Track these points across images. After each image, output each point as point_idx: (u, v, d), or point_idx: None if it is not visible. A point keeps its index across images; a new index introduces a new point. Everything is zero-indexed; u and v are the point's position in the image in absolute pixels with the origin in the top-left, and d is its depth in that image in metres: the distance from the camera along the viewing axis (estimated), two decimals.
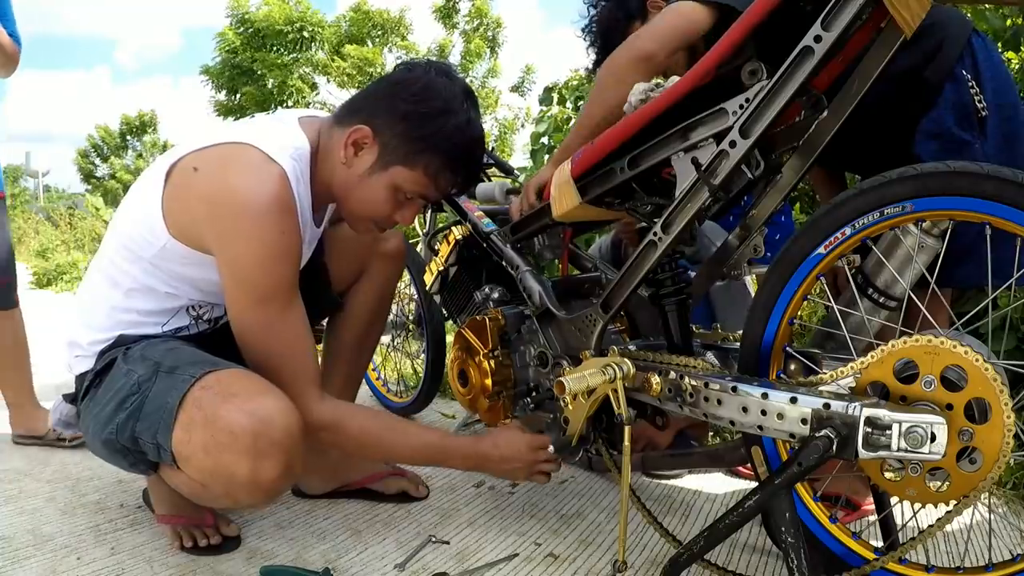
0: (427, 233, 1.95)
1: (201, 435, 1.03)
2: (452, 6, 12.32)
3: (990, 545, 1.25)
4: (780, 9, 0.97)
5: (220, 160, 1.12)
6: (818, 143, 1.08)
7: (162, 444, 1.06)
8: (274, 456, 1.02)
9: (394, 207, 1.21)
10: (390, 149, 1.16)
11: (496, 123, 12.36)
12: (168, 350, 1.16)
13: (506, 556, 1.33)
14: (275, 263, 1.10)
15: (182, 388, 1.05)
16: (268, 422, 1.01)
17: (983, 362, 0.86)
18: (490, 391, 1.41)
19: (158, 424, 1.06)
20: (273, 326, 1.13)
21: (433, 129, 1.15)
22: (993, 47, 1.35)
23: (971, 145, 1.26)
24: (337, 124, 1.20)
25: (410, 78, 1.17)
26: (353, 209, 1.23)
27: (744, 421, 1.00)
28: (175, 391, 1.06)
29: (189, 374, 1.07)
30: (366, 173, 1.18)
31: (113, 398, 1.13)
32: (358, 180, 1.18)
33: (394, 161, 1.16)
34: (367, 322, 1.57)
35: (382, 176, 1.17)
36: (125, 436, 1.10)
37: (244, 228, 1.08)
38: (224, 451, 1.01)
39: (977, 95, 1.27)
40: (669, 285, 1.22)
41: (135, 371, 1.13)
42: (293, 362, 1.15)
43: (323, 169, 1.21)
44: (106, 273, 1.23)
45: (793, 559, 0.95)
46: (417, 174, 1.17)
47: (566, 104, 4.79)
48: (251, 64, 11.94)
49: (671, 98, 1.08)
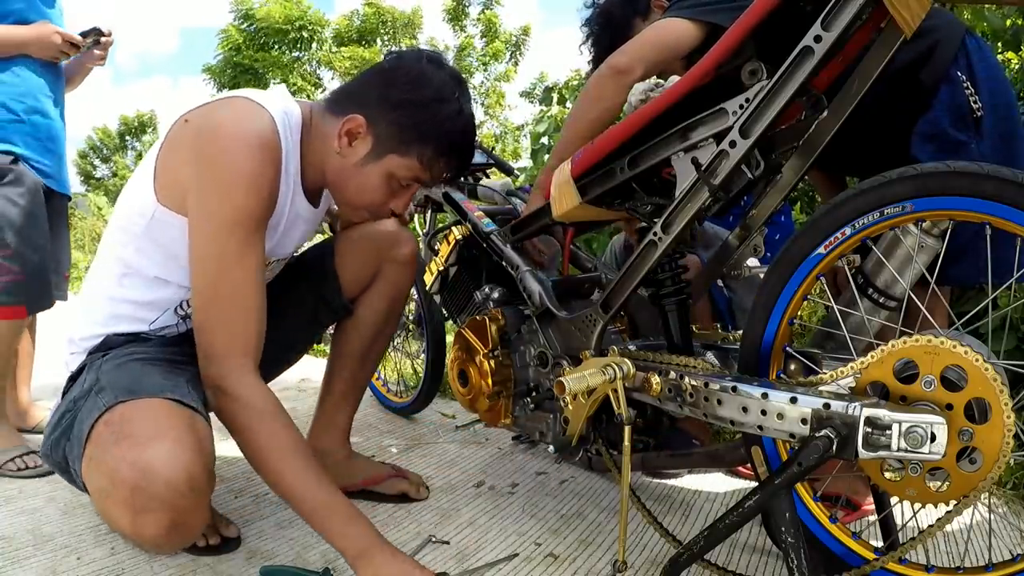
0: (427, 233, 1.95)
1: (95, 476, 0.97)
2: (461, 9, 12.36)
3: (990, 545, 1.25)
4: (780, 9, 0.97)
5: (210, 108, 1.13)
6: (818, 143, 1.08)
7: (77, 471, 1.01)
8: (155, 511, 0.93)
9: (389, 195, 1.22)
10: (384, 138, 1.16)
11: (498, 124, 12.38)
12: (117, 366, 1.11)
13: (506, 556, 1.33)
14: (242, 193, 1.06)
15: (92, 417, 1.00)
16: (149, 474, 0.91)
17: (983, 362, 0.86)
18: (490, 391, 1.41)
19: (77, 451, 1.01)
20: (227, 262, 1.07)
21: (426, 117, 1.16)
22: (987, 48, 1.36)
23: (967, 145, 1.27)
24: (329, 110, 1.21)
25: (402, 66, 1.18)
26: (349, 198, 1.24)
27: (744, 421, 1.00)
28: (88, 419, 1.00)
29: (103, 401, 1.01)
30: (361, 162, 1.18)
31: (59, 410, 1.10)
32: (353, 169, 1.19)
33: (388, 150, 1.17)
34: (376, 330, 1.54)
35: (377, 165, 1.18)
36: (59, 454, 1.07)
37: (221, 156, 1.06)
38: (107, 498, 0.95)
39: (972, 96, 1.27)
40: (669, 285, 1.22)
41: (85, 383, 1.10)
42: (234, 320, 1.08)
43: (313, 149, 1.21)
44: (102, 262, 1.23)
45: (793, 559, 0.95)
46: (411, 161, 1.18)
47: (566, 104, 4.80)
48: (253, 63, 11.96)
49: (671, 98, 1.08)
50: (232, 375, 1.07)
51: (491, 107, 12.60)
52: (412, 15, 12.51)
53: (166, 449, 0.94)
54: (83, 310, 1.25)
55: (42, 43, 1.81)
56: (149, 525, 0.94)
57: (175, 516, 0.95)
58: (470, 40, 12.41)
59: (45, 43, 1.81)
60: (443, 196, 1.73)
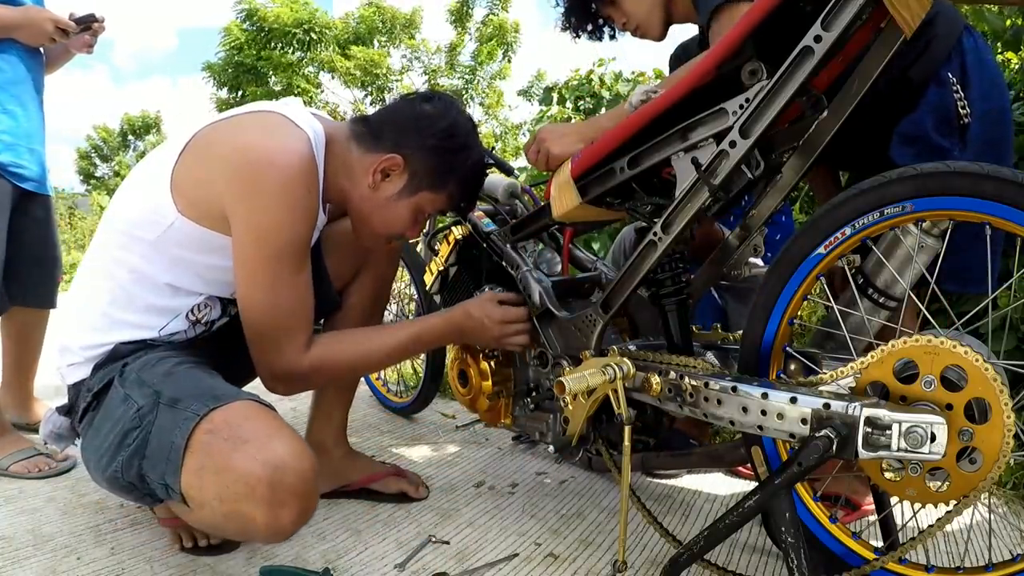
0: (427, 233, 1.95)
1: (214, 483, 1.00)
2: (466, 11, 12.36)
3: (990, 545, 1.25)
4: (780, 9, 0.97)
5: (243, 123, 1.18)
6: (818, 143, 1.08)
7: (171, 486, 1.03)
8: (292, 503, 1.00)
9: (411, 226, 1.32)
10: (419, 177, 1.26)
11: (498, 123, 12.38)
12: (165, 375, 1.12)
13: (506, 556, 1.33)
14: (297, 220, 1.13)
15: (187, 427, 1.02)
16: (283, 470, 0.99)
17: (983, 362, 0.86)
18: (490, 391, 1.41)
19: (165, 465, 1.03)
20: (282, 284, 1.14)
21: (460, 161, 1.28)
22: (986, 47, 1.31)
23: (949, 153, 1.23)
24: (357, 141, 1.26)
25: (435, 114, 1.27)
26: (374, 227, 1.31)
27: (744, 421, 1.00)
28: (179, 430, 1.02)
29: (192, 411, 1.03)
30: (393, 197, 1.27)
31: (113, 429, 1.09)
32: (384, 202, 1.27)
33: (422, 187, 1.27)
34: (363, 320, 1.56)
35: (410, 200, 1.28)
36: (131, 474, 1.07)
37: (270, 182, 1.09)
38: (240, 501, 0.98)
39: (961, 101, 1.24)
40: (669, 285, 1.22)
41: (134, 399, 1.09)
42: (293, 318, 1.17)
43: (334, 170, 1.24)
44: (101, 266, 1.20)
45: (793, 559, 0.95)
46: (441, 198, 1.30)
47: (565, 104, 4.80)
48: (255, 62, 11.95)
49: (671, 98, 1.08)
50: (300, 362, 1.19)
51: (491, 106, 12.61)
52: (412, 15, 12.51)
53: (286, 447, 1.01)
54: (79, 317, 1.21)
55: (32, 28, 1.72)
56: (287, 515, 1.00)
57: (306, 503, 1.02)
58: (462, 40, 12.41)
59: (36, 29, 1.73)
60: None
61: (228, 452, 0.99)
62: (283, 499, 0.98)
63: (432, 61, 12.63)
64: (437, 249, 1.73)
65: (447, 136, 1.26)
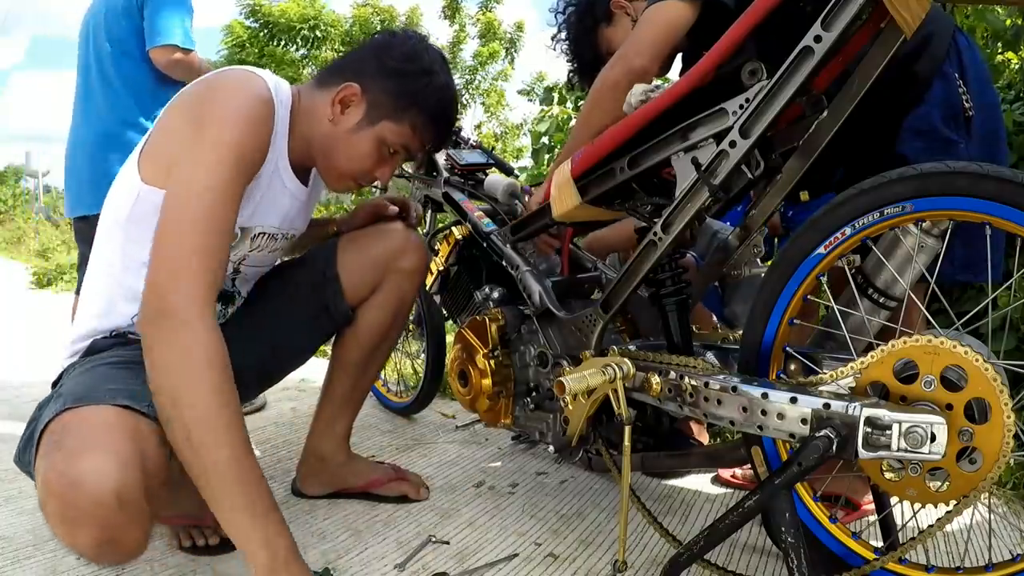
0: (427, 233, 1.95)
1: (37, 485, 0.93)
2: (456, 6, 12.35)
3: (990, 545, 1.25)
4: (780, 9, 0.97)
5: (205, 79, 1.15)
6: (818, 143, 1.08)
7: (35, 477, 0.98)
8: (84, 526, 0.89)
9: (377, 162, 1.25)
10: (378, 104, 1.21)
11: (499, 123, 12.37)
12: (87, 370, 1.09)
13: (506, 556, 1.33)
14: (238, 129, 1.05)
15: (41, 425, 0.97)
16: (77, 488, 0.87)
17: (983, 362, 0.86)
18: (490, 391, 1.41)
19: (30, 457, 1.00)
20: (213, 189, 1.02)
21: (421, 86, 1.22)
22: (976, 46, 1.36)
23: (957, 145, 1.26)
24: (319, 86, 1.23)
25: (395, 41, 1.24)
26: (337, 165, 1.25)
27: (744, 421, 1.00)
28: (39, 427, 0.98)
29: (54, 408, 0.98)
30: (354, 128, 1.21)
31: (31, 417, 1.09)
32: (344, 135, 1.22)
33: (382, 116, 1.21)
34: (377, 340, 1.48)
35: (370, 131, 1.22)
36: (25, 461, 1.04)
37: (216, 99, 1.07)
38: (43, 507, 0.92)
39: (964, 94, 1.27)
40: (669, 285, 1.22)
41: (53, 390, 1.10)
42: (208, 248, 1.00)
43: (300, 127, 1.22)
44: (95, 257, 1.20)
45: (793, 559, 0.95)
46: (403, 128, 1.23)
47: (566, 104, 4.80)
48: (259, 60, 11.92)
49: (671, 98, 1.08)
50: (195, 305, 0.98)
51: (491, 106, 12.60)
52: (411, 13, 12.50)
53: (97, 462, 0.89)
54: (78, 310, 1.22)
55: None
56: (80, 538, 0.91)
57: (105, 532, 0.90)
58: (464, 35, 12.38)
59: None
60: (443, 196, 1.73)
61: (46, 453, 0.93)
62: (75, 518, 0.89)
63: None
64: (437, 249, 1.73)
65: (406, 59, 1.21)
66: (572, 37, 1.71)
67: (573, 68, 1.77)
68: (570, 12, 1.71)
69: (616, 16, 1.63)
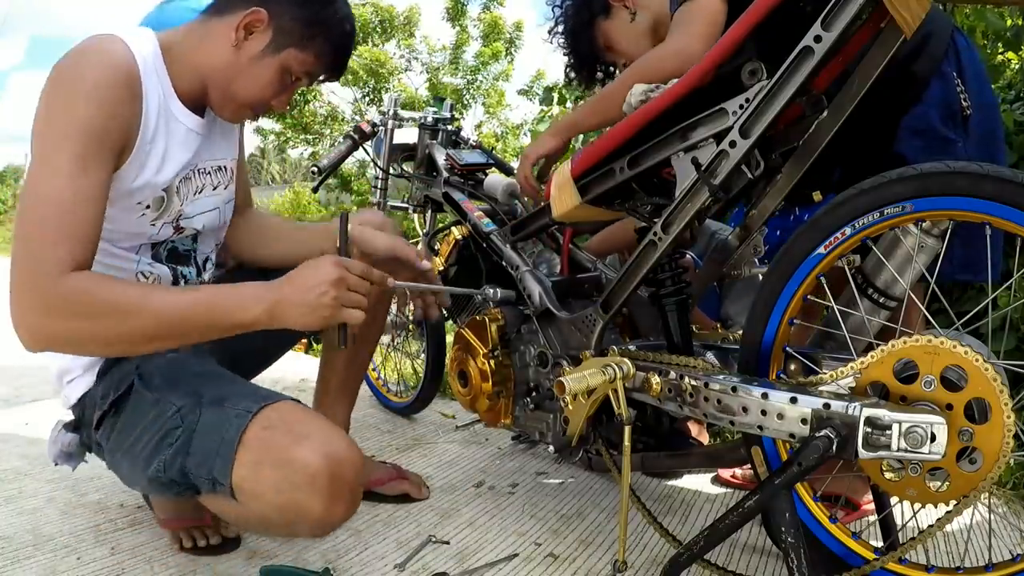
0: (427, 233, 1.95)
1: (272, 475, 1.01)
2: (461, 8, 12.32)
3: (990, 545, 1.25)
4: (780, 9, 0.97)
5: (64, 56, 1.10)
6: (818, 143, 1.08)
7: (219, 479, 1.04)
8: (347, 496, 1.03)
9: (278, 90, 1.24)
10: (285, 32, 1.18)
11: (499, 123, 12.36)
12: (197, 376, 1.14)
13: (506, 556, 1.33)
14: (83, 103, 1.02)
15: (239, 423, 1.04)
16: (343, 464, 1.02)
17: (983, 362, 0.86)
18: (490, 391, 1.41)
19: (214, 460, 1.04)
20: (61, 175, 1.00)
21: (328, 14, 1.21)
22: (974, 46, 1.37)
23: (955, 144, 1.27)
24: (216, 14, 1.19)
25: None
26: (236, 93, 1.21)
27: (744, 421, 1.00)
28: (231, 426, 1.04)
29: (243, 408, 1.05)
30: (258, 56, 1.18)
31: (149, 430, 1.09)
32: (246, 63, 1.19)
33: (288, 44, 1.19)
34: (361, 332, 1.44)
35: (274, 59, 1.19)
36: (174, 471, 1.08)
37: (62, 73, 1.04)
38: (299, 492, 1.00)
39: (963, 93, 1.28)
40: (669, 285, 1.22)
41: (170, 401, 1.09)
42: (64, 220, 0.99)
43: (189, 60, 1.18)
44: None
45: (793, 559, 0.95)
46: (308, 56, 1.21)
47: (566, 104, 4.80)
48: None
49: (671, 98, 1.08)
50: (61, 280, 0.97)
51: (492, 106, 12.58)
52: (410, 13, 12.48)
53: (345, 441, 1.06)
54: None
55: None
56: (340, 508, 1.03)
57: (357, 498, 1.06)
58: (466, 36, 12.36)
59: None
60: (443, 196, 1.73)
61: (289, 445, 1.02)
62: (340, 492, 1.02)
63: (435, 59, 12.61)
64: (437, 249, 1.73)
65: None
66: (569, 30, 1.71)
67: (570, 62, 1.77)
68: (568, 5, 1.71)
69: (614, 9, 1.62)
